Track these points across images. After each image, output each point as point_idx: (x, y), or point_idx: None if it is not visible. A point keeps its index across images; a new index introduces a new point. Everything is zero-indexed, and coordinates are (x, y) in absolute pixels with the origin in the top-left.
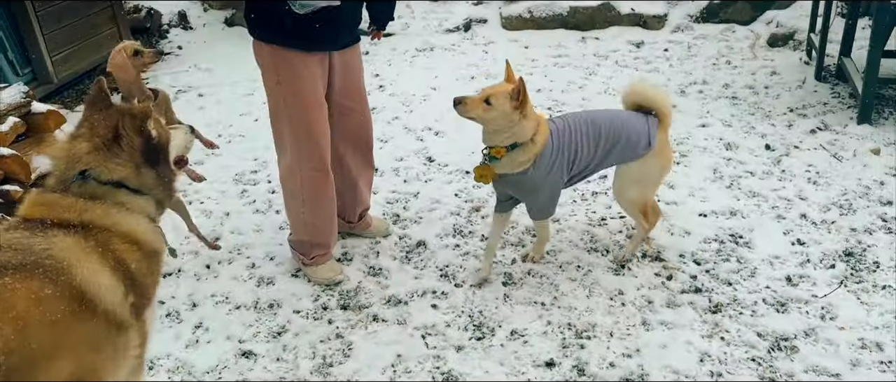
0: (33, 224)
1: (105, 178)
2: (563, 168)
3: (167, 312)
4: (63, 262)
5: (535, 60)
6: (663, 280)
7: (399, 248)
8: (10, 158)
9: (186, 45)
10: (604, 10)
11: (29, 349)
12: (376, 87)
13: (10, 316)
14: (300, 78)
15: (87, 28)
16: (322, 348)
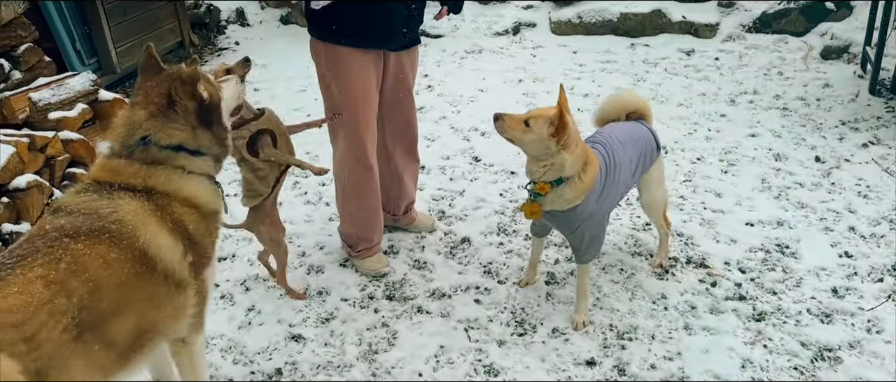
0: (101, 186)
1: (164, 143)
2: (612, 196)
3: (221, 294)
4: (127, 226)
5: (583, 65)
6: (707, 286)
7: (444, 244)
8: (78, 142)
9: (243, 42)
10: (655, 17)
11: (99, 307)
12: (425, 87)
13: (84, 277)
14: (350, 75)
15: (150, 22)
16: (368, 335)
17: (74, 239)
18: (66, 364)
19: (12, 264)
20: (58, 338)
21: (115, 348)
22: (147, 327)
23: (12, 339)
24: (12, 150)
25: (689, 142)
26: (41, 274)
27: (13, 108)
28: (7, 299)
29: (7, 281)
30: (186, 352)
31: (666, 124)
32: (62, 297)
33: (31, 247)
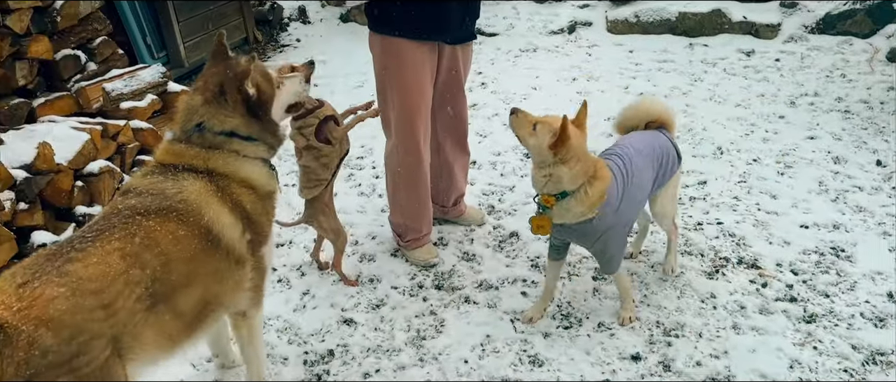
0: (166, 168)
1: (217, 129)
2: (631, 207)
3: (278, 278)
4: (192, 205)
5: (639, 65)
6: (758, 287)
7: (492, 237)
8: (147, 131)
9: (304, 39)
10: (714, 17)
11: (169, 279)
12: (478, 85)
13: (156, 251)
14: (406, 66)
15: (216, 18)
16: (416, 322)
17: (146, 216)
18: (140, 333)
19: (91, 238)
20: (132, 307)
21: (183, 318)
22: (210, 299)
23: (92, 305)
24: (87, 137)
25: (746, 142)
26: (118, 246)
27: (88, 98)
28: (87, 268)
29: (87, 253)
30: (246, 326)
31: (722, 125)
32: (137, 269)
33: (107, 224)
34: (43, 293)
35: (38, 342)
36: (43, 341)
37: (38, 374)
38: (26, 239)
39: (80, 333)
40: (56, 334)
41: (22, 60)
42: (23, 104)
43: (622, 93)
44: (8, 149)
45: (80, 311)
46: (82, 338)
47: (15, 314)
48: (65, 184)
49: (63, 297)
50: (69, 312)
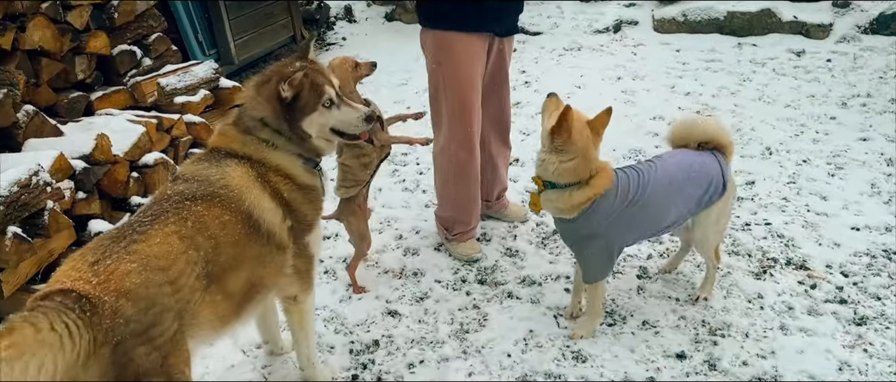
0: (211, 154)
1: (251, 113)
2: (629, 228)
3: (325, 270)
4: (234, 190)
5: (686, 64)
6: (806, 288)
7: (535, 234)
8: (200, 125)
9: (350, 37)
10: (763, 17)
11: (220, 261)
12: (522, 83)
13: (207, 234)
14: (459, 60)
15: (265, 17)
16: (460, 315)
17: (194, 201)
18: (198, 311)
19: (149, 222)
20: (193, 284)
21: (232, 299)
22: (255, 281)
23: (161, 280)
24: (143, 130)
25: (795, 143)
26: (175, 229)
27: (143, 92)
28: (152, 247)
29: (149, 234)
30: (297, 311)
31: (772, 125)
32: (193, 250)
33: (160, 209)
34: (117, 268)
35: (120, 311)
36: (124, 310)
37: (123, 342)
38: (83, 228)
39: (153, 304)
40: (134, 304)
41: (81, 55)
42: (81, 97)
43: (669, 93)
44: (68, 140)
45: (152, 285)
46: (156, 310)
47: (95, 287)
48: (121, 174)
49: (136, 272)
50: (143, 285)
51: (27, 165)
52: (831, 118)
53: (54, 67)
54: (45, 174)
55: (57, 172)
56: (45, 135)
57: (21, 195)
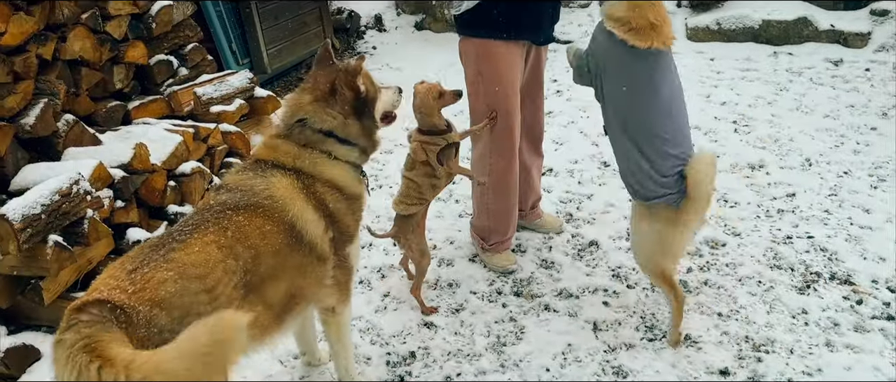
0: (257, 165)
1: (318, 126)
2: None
3: (360, 279)
4: (278, 201)
5: (721, 73)
6: (852, 304)
7: (571, 245)
8: (235, 135)
9: (380, 46)
10: (800, 25)
11: (260, 271)
12: (554, 92)
13: (248, 244)
14: (501, 67)
15: (298, 26)
16: (496, 328)
17: (235, 211)
18: None
19: (189, 230)
20: (231, 294)
21: (272, 309)
22: (295, 292)
23: (197, 289)
24: (180, 139)
25: (835, 154)
26: (214, 239)
27: (180, 101)
28: (190, 256)
29: (188, 243)
30: (335, 322)
31: (811, 135)
32: (232, 259)
33: (202, 218)
34: (153, 276)
35: (154, 321)
36: (158, 320)
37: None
38: (122, 236)
39: (188, 313)
40: (169, 313)
41: (119, 65)
42: (119, 106)
43: (704, 102)
44: (106, 149)
45: (188, 293)
46: (191, 319)
47: (130, 296)
48: (159, 183)
49: (172, 280)
50: (178, 294)
51: (68, 174)
52: (872, 128)
53: (93, 77)
54: (85, 183)
55: (96, 181)
56: (84, 143)
57: (62, 204)
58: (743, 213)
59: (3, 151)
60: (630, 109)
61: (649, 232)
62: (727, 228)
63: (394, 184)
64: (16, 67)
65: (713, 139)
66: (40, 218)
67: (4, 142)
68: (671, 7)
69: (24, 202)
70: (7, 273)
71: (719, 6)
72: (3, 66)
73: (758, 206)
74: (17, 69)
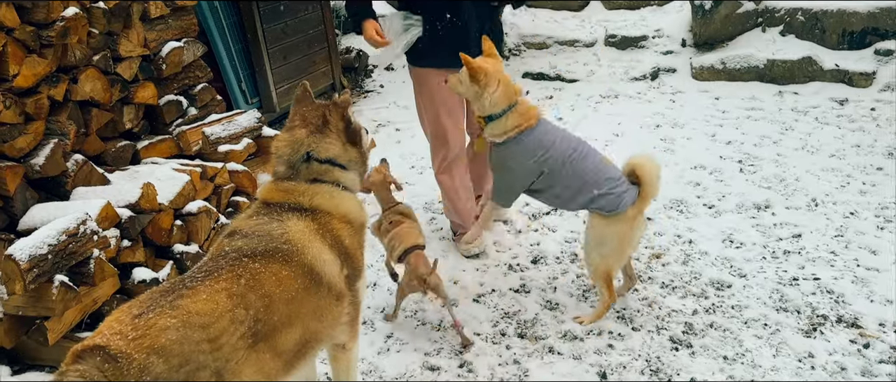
0: (270, 208)
1: (322, 157)
2: (532, 169)
3: (363, 320)
4: (296, 245)
5: (726, 112)
6: (859, 347)
7: (576, 286)
8: (242, 174)
9: (387, 84)
10: (804, 65)
11: (272, 320)
12: None
13: (260, 293)
14: (433, 94)
15: (306, 65)
16: (500, 371)
17: (252, 258)
18: (240, 370)
19: (201, 277)
20: (235, 344)
21: (283, 357)
22: (310, 337)
23: (199, 338)
24: (187, 179)
25: (841, 194)
26: (225, 286)
27: (188, 141)
28: (196, 304)
29: (197, 290)
30: (345, 358)
31: (816, 175)
32: (241, 309)
33: (215, 265)
34: (156, 322)
35: (149, 368)
36: (154, 368)
37: None
38: (128, 275)
39: (187, 362)
40: (166, 361)
41: (129, 105)
42: (128, 146)
43: (709, 141)
44: (114, 188)
45: (189, 342)
46: (189, 368)
47: (129, 342)
48: (165, 223)
49: (173, 328)
50: (178, 342)
51: (75, 214)
52: (878, 169)
53: (103, 117)
54: (92, 223)
55: (103, 221)
56: (93, 183)
57: (68, 244)
58: (748, 254)
59: (13, 191)
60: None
61: (610, 236)
62: (733, 269)
63: None
64: (27, 108)
65: (718, 178)
66: (47, 259)
67: (14, 182)
68: (676, 47)
69: (32, 242)
70: (12, 313)
71: (724, 46)
72: (15, 107)
73: (763, 247)
74: (28, 110)
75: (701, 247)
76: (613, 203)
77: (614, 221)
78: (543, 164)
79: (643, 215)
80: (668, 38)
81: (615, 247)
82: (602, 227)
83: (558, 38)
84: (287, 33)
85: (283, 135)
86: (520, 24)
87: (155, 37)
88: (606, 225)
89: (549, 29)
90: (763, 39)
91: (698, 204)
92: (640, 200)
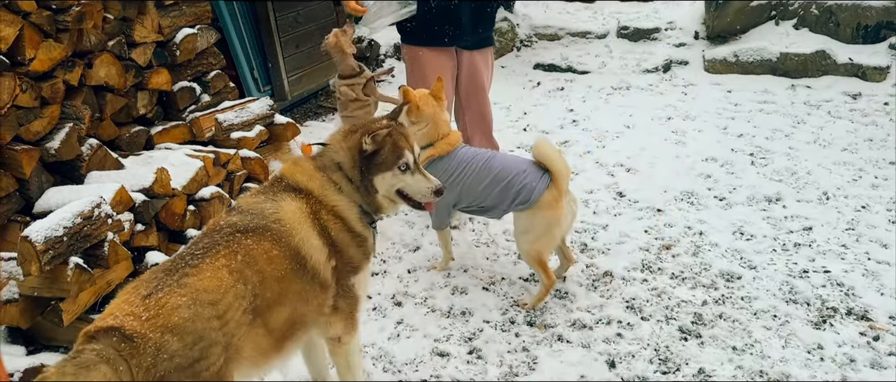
0: (271, 186)
1: (332, 155)
2: (453, 192)
3: (374, 307)
4: (286, 225)
5: (738, 105)
6: (869, 340)
7: (585, 276)
8: (255, 160)
9: (399, 74)
10: (818, 58)
11: (265, 296)
12: (570, 122)
13: (255, 268)
14: (426, 71)
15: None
16: (509, 358)
17: (244, 234)
18: (242, 345)
19: (201, 254)
20: (239, 319)
21: (274, 334)
22: (297, 319)
23: (209, 315)
24: (201, 164)
25: (853, 188)
26: (225, 263)
27: (201, 127)
28: (203, 281)
29: (200, 268)
30: (342, 352)
31: (828, 169)
32: (241, 284)
33: (211, 241)
34: (167, 302)
35: (164, 347)
36: (169, 346)
37: (167, 376)
38: (141, 260)
39: (201, 339)
40: (181, 339)
41: (143, 91)
42: (142, 132)
43: (721, 134)
44: (128, 173)
45: (201, 319)
46: (203, 344)
47: (144, 323)
48: (179, 207)
49: (185, 306)
50: (191, 320)
51: (90, 197)
52: (891, 163)
53: (118, 102)
54: (106, 206)
55: (118, 205)
56: (107, 167)
57: (83, 226)
58: (759, 246)
59: (28, 174)
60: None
61: (534, 223)
62: (743, 261)
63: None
64: (43, 92)
65: (730, 171)
66: (62, 241)
67: (30, 165)
68: (689, 39)
69: (47, 224)
70: (28, 293)
71: (737, 39)
72: (32, 91)
73: (774, 239)
74: (44, 94)
75: (711, 239)
76: (527, 196)
77: (535, 209)
78: (454, 185)
79: (566, 195)
80: (681, 31)
81: (541, 233)
82: (525, 217)
83: (570, 30)
84: (299, 22)
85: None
86: (532, 14)
87: (169, 23)
88: (530, 214)
89: (561, 20)
90: (776, 32)
91: (709, 196)
92: (553, 184)
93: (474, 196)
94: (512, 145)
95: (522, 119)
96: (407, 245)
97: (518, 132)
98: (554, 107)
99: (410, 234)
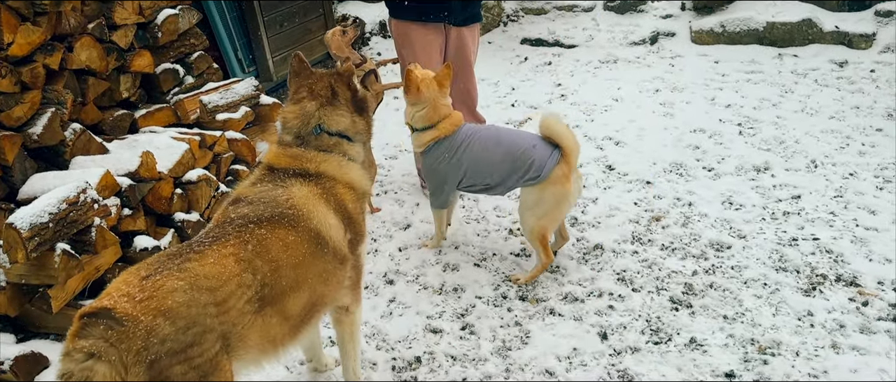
0: (273, 174)
1: (333, 130)
2: (456, 172)
3: (365, 285)
4: (302, 210)
5: (726, 75)
6: (858, 305)
7: (576, 249)
8: (241, 142)
9: (385, 52)
10: (804, 27)
11: (280, 285)
12: (558, 96)
13: (267, 258)
14: (415, 45)
15: (302, 33)
16: (502, 333)
17: (258, 224)
18: (246, 335)
19: (209, 242)
20: (242, 308)
21: (290, 321)
22: (316, 300)
23: (206, 301)
24: (186, 147)
25: (841, 156)
26: (232, 252)
27: (186, 109)
28: (204, 267)
29: (204, 254)
30: (349, 321)
31: (816, 137)
32: (248, 274)
33: (222, 231)
34: (163, 284)
35: (156, 330)
36: (161, 330)
37: (158, 360)
38: (129, 244)
39: (194, 324)
40: (173, 323)
41: (125, 74)
42: (126, 115)
43: (709, 105)
44: (113, 157)
45: (196, 305)
46: (196, 330)
47: (137, 304)
48: (165, 191)
49: (181, 290)
50: (185, 304)
51: (75, 183)
52: (877, 130)
53: (100, 86)
54: (92, 191)
55: (104, 189)
56: (91, 152)
57: (69, 212)
58: (748, 216)
59: (11, 160)
60: (491, 161)
61: (544, 198)
62: (732, 231)
63: (399, 189)
64: (23, 77)
65: (718, 141)
66: (48, 227)
67: (12, 151)
68: (675, 10)
69: (32, 211)
70: (15, 281)
71: (723, 8)
72: (11, 77)
73: (763, 209)
74: (24, 79)
75: (700, 209)
76: (537, 171)
77: (545, 184)
78: (460, 162)
79: (575, 172)
80: (668, 2)
81: (549, 209)
82: (534, 192)
83: (556, 3)
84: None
85: (291, 106)
86: None
87: (150, 4)
88: (539, 189)
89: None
90: (763, 2)
91: (698, 167)
92: (563, 159)
93: (481, 173)
94: (499, 121)
95: (510, 95)
96: (397, 223)
97: (506, 108)
98: (541, 81)
99: (401, 213)
